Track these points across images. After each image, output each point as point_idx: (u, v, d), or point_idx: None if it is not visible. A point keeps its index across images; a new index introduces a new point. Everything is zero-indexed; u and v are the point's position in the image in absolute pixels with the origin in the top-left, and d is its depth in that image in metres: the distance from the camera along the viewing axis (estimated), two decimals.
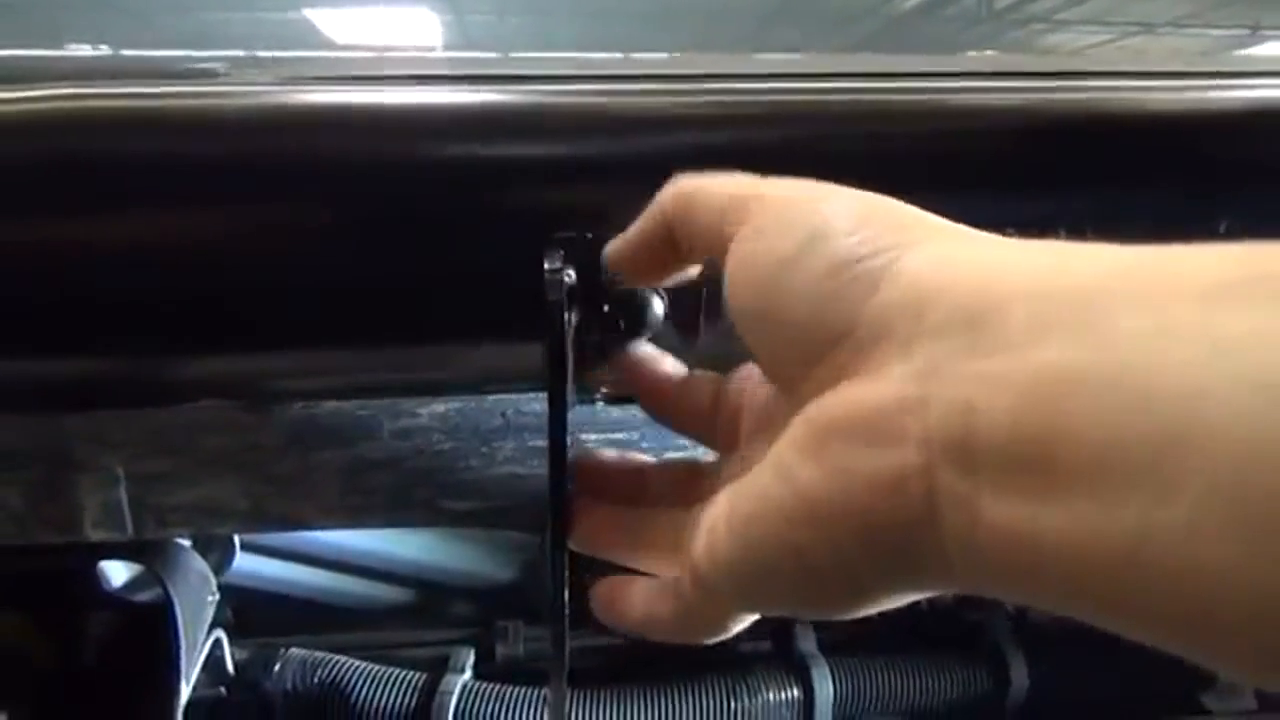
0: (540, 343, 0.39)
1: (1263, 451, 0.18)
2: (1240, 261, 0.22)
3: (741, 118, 0.39)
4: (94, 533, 0.60)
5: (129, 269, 0.38)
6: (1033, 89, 0.41)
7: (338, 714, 0.84)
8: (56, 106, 0.37)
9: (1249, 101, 0.42)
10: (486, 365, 0.44)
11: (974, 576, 0.24)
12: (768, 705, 0.86)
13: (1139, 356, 0.21)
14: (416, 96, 0.38)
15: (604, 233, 0.37)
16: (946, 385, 0.24)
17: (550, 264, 0.36)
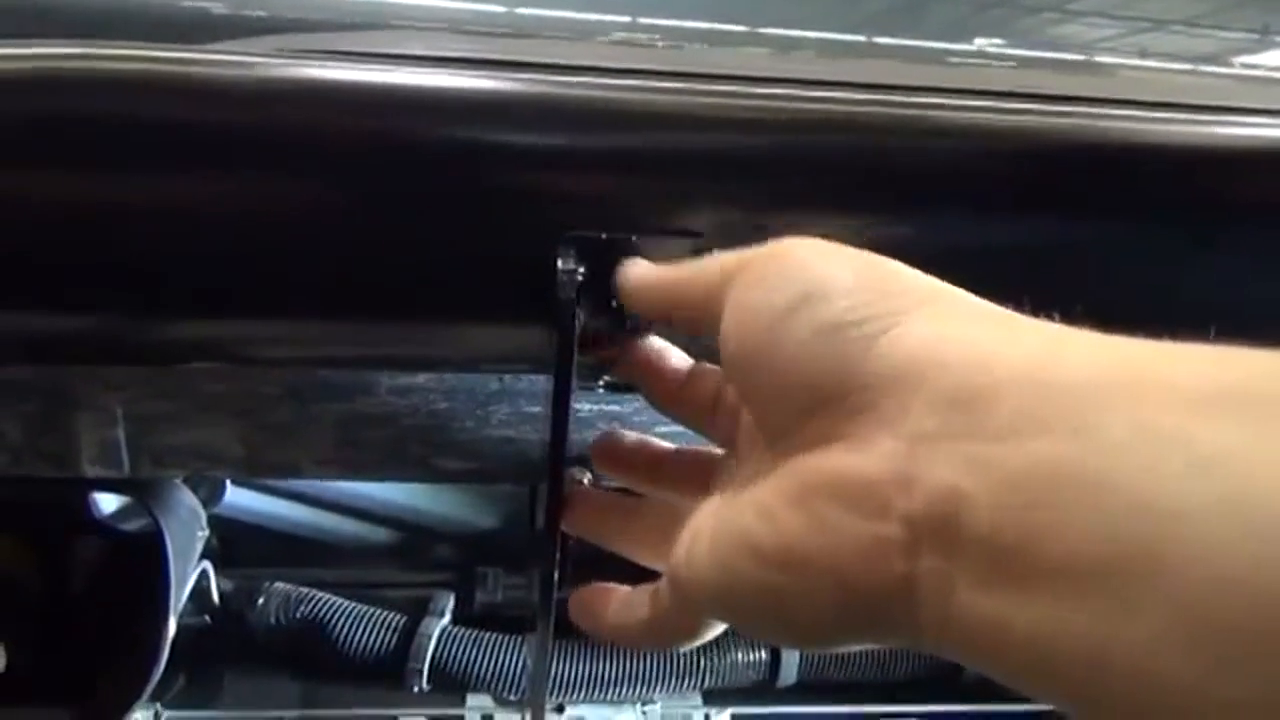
0: (547, 329, 0.40)
1: (1229, 579, 0.19)
2: (1228, 369, 0.22)
3: (753, 122, 0.40)
4: (90, 469, 0.61)
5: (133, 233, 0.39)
6: (1034, 113, 0.41)
7: (318, 649, 0.86)
8: (75, 65, 0.37)
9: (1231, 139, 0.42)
10: (492, 346, 0.45)
11: (942, 648, 0.25)
12: (736, 664, 0.89)
13: (1121, 464, 0.21)
14: (427, 80, 0.38)
15: (617, 231, 0.38)
16: (935, 466, 0.25)
17: (563, 263, 0.36)
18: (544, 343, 0.40)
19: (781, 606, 0.28)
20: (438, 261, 0.40)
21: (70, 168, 0.38)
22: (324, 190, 0.39)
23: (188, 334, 0.43)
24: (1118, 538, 0.21)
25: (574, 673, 0.86)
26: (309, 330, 0.43)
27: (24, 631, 0.73)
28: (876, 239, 0.38)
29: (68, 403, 0.58)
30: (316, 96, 0.38)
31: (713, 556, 0.30)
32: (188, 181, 0.38)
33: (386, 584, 0.95)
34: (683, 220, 0.39)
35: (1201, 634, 0.20)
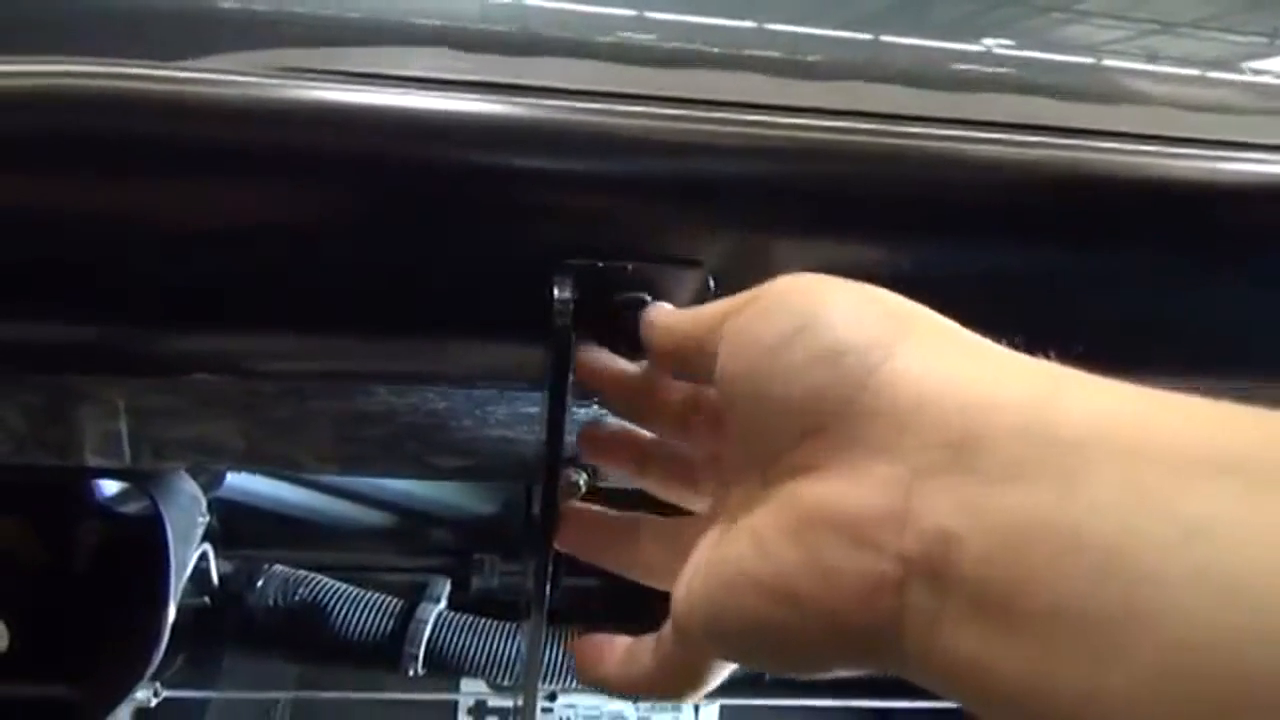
0: (543, 350, 0.40)
1: (1206, 646, 0.20)
2: (1225, 431, 0.23)
3: (753, 150, 0.40)
4: (92, 460, 0.61)
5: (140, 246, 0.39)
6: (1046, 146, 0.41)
7: (316, 632, 0.87)
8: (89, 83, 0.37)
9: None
10: (490, 365, 0.45)
11: (925, 679, 0.26)
12: None
13: (1106, 524, 0.22)
14: (426, 103, 0.38)
15: (613, 260, 0.38)
16: (928, 506, 0.25)
17: (559, 291, 0.37)
18: (541, 363, 0.41)
19: (776, 638, 0.28)
20: (436, 283, 0.40)
21: (72, 183, 0.38)
22: (327, 210, 0.39)
23: (194, 348, 0.43)
24: (1098, 594, 0.22)
25: (567, 661, 0.87)
26: (309, 347, 0.43)
27: (29, 613, 0.74)
28: (876, 268, 0.39)
29: (71, 395, 0.59)
30: (320, 118, 0.38)
31: (707, 587, 0.30)
32: (198, 200, 0.38)
33: (384, 568, 0.96)
34: (682, 248, 0.39)
35: (1177, 693, 0.20)
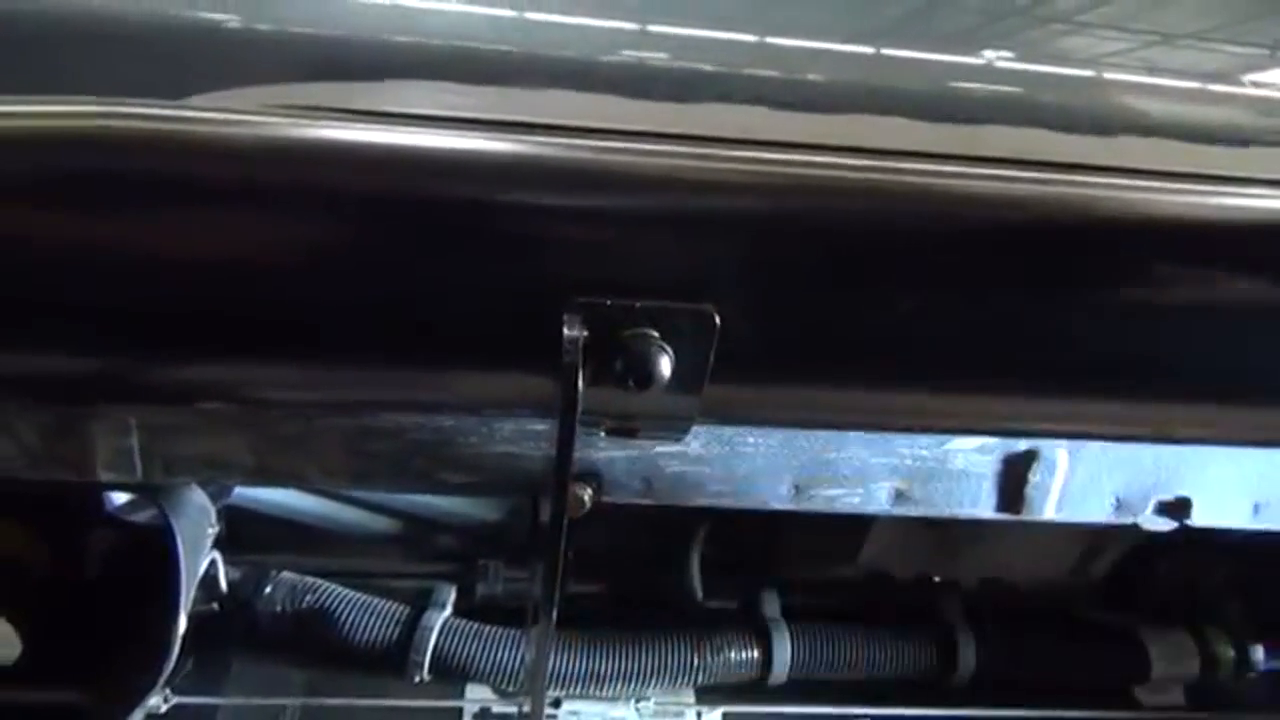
0: (553, 383, 0.41)
1: None
2: None
3: (761, 187, 0.41)
4: (105, 475, 0.63)
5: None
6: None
7: (322, 638, 0.88)
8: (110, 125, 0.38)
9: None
10: (500, 396, 0.46)
11: None
12: (729, 662, 0.91)
13: None
14: (432, 141, 0.39)
15: (621, 298, 0.39)
16: None
17: (569, 329, 0.38)
18: (549, 392, 0.41)
19: None
20: (448, 317, 0.41)
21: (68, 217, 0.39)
22: (339, 247, 0.40)
23: (206, 379, 0.44)
24: None
25: (571, 668, 0.88)
26: (321, 379, 0.44)
27: (41, 621, 0.76)
28: (882, 306, 0.39)
29: (84, 414, 0.60)
30: (332, 157, 0.39)
31: None
32: (213, 236, 0.39)
33: (390, 574, 0.97)
34: (691, 287, 0.40)
35: None
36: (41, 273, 0.39)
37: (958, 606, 0.96)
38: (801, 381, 0.45)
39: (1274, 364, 0.49)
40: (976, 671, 0.92)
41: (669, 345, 0.40)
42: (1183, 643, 0.96)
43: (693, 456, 0.65)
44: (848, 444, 0.65)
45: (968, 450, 0.66)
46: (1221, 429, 0.57)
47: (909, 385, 0.47)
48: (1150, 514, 0.70)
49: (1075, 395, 0.51)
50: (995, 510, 0.69)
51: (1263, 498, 0.69)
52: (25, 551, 0.79)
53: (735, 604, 0.98)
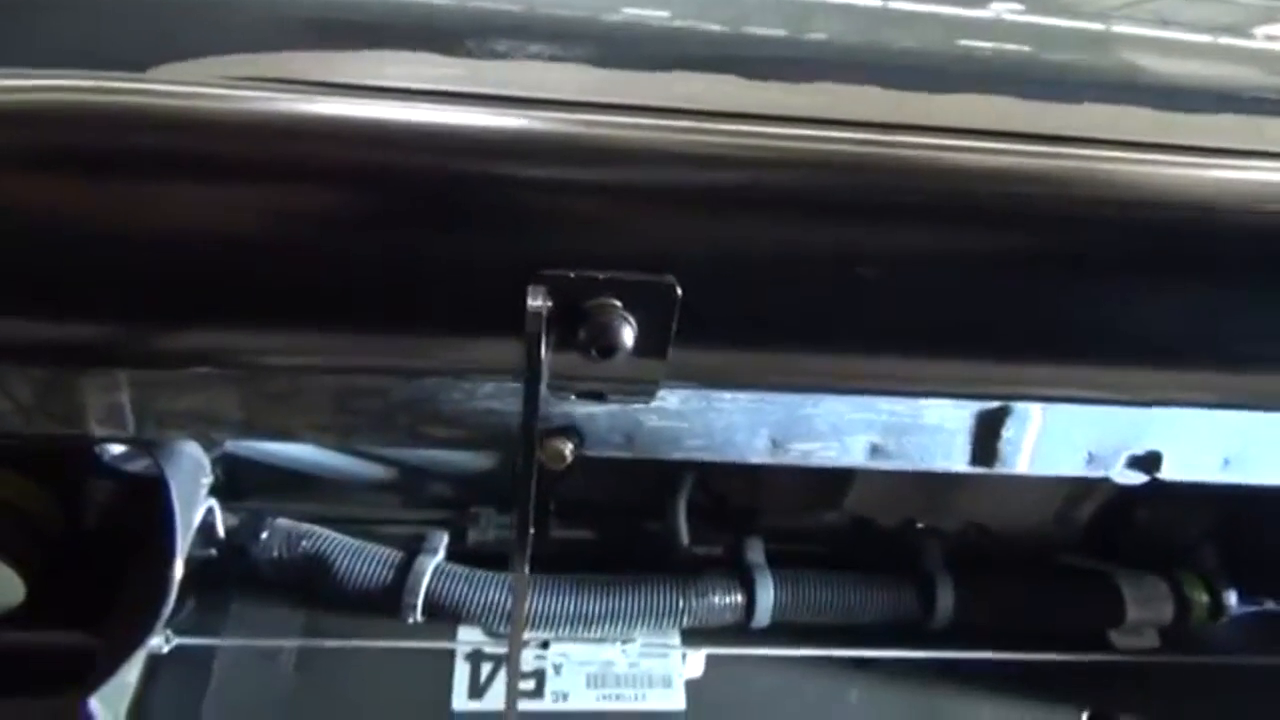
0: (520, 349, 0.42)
1: None
2: None
3: (725, 159, 0.41)
4: (98, 430, 0.64)
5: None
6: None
7: (318, 582, 0.91)
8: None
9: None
10: (473, 361, 0.47)
11: None
12: (713, 606, 0.93)
13: None
14: (406, 114, 0.40)
15: (585, 270, 0.40)
16: None
17: (532, 300, 0.39)
18: (522, 361, 0.43)
19: None
20: (419, 287, 0.42)
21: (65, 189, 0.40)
22: (312, 219, 0.41)
23: (191, 346, 0.45)
24: None
25: (559, 611, 0.91)
26: (297, 345, 0.45)
27: (43, 567, 0.78)
28: (841, 279, 0.40)
29: (75, 371, 0.61)
30: (302, 130, 0.40)
31: None
32: (175, 210, 0.40)
33: (384, 521, 0.99)
34: (652, 259, 0.41)
35: None
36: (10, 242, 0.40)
37: (938, 553, 0.99)
38: (764, 349, 0.46)
39: (1245, 330, 0.50)
40: (955, 616, 0.95)
41: (631, 315, 0.41)
42: (1157, 588, 0.99)
43: (672, 412, 0.66)
44: (824, 399, 0.66)
45: (942, 406, 0.67)
46: (1192, 394, 0.58)
47: (874, 352, 0.48)
48: (1121, 468, 0.72)
49: (1043, 361, 0.52)
50: (969, 463, 0.70)
51: (1232, 452, 0.70)
52: (27, 500, 0.81)
53: (720, 550, 1.00)
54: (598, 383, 0.46)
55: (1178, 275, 0.45)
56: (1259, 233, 0.43)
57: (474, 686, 0.90)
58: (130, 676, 0.82)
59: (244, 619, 0.91)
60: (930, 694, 0.94)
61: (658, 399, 0.65)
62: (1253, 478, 0.71)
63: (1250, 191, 0.43)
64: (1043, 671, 0.93)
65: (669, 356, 0.44)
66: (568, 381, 0.45)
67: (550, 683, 0.91)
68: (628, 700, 0.91)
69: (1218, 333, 0.47)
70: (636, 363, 0.43)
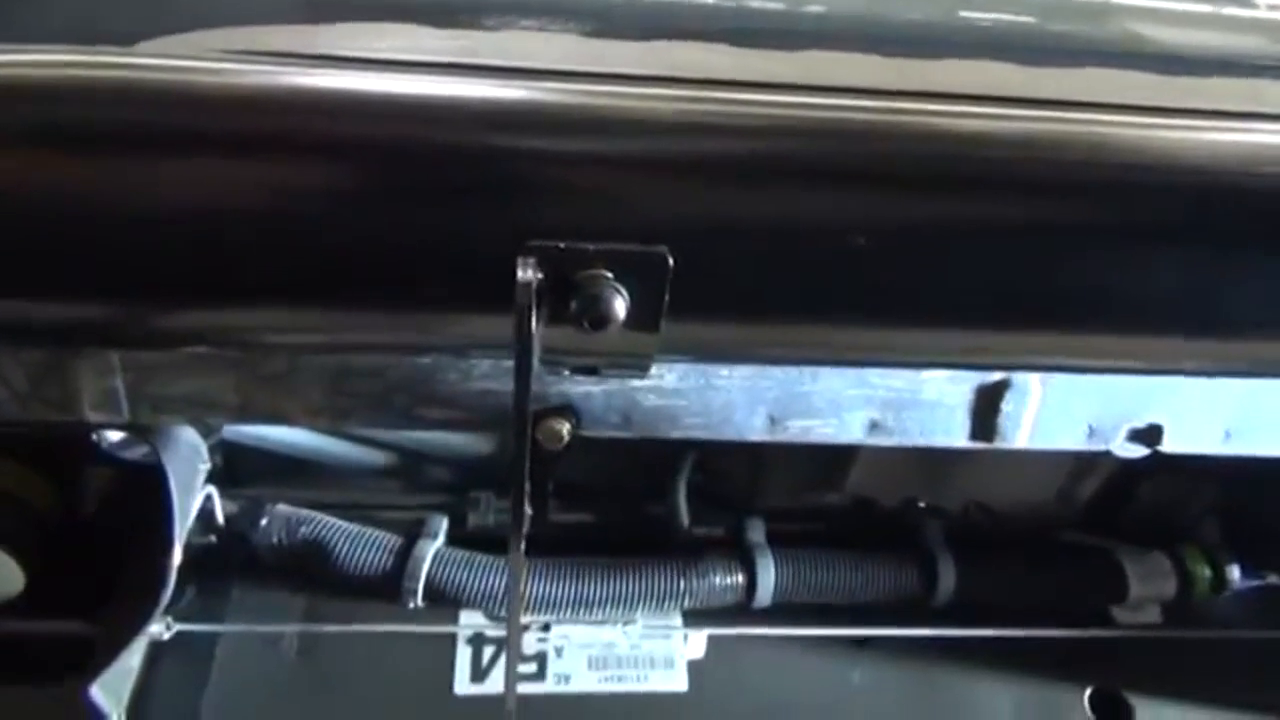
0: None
1: None
2: None
3: (713, 128, 0.41)
4: (93, 415, 0.64)
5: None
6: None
7: (318, 568, 0.91)
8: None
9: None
10: (464, 335, 0.47)
11: None
12: (714, 587, 0.93)
13: None
14: (395, 86, 0.39)
15: (575, 241, 0.40)
16: None
17: (522, 272, 0.38)
18: (511, 334, 0.42)
19: None
20: (409, 260, 0.42)
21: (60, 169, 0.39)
22: (298, 193, 0.40)
23: (180, 323, 0.45)
24: None
25: (560, 594, 0.91)
26: (284, 322, 0.45)
27: (42, 554, 0.78)
28: (837, 245, 0.40)
29: (69, 355, 0.61)
30: (288, 103, 0.39)
31: None
32: (167, 186, 0.39)
33: (384, 506, 0.99)
34: (644, 230, 0.40)
35: None
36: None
37: (939, 531, 0.98)
38: (759, 321, 0.45)
39: (1248, 294, 0.50)
40: (957, 594, 0.95)
41: (623, 287, 0.41)
42: (1159, 563, 0.98)
43: (669, 390, 0.66)
44: (821, 376, 0.66)
45: (940, 380, 0.67)
46: (1195, 361, 0.58)
47: (870, 322, 0.47)
48: (1122, 441, 0.71)
49: (1042, 329, 0.52)
50: (968, 439, 0.70)
51: (1233, 424, 0.70)
52: (25, 488, 0.81)
53: (721, 531, 1.00)
54: (591, 357, 0.46)
55: (1178, 239, 0.45)
56: (1259, 195, 0.42)
57: (476, 670, 0.90)
58: (132, 663, 0.82)
59: (245, 605, 0.91)
60: (933, 672, 0.94)
61: (655, 377, 0.65)
62: (1254, 449, 0.71)
63: (1250, 154, 0.43)
64: (1045, 648, 0.93)
65: (662, 329, 0.43)
66: (560, 356, 0.45)
67: (552, 665, 0.91)
68: (630, 682, 0.91)
69: (1220, 297, 0.47)
70: (629, 336, 0.43)
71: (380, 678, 0.88)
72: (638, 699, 0.90)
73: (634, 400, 0.66)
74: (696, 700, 0.90)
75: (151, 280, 0.43)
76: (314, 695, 0.87)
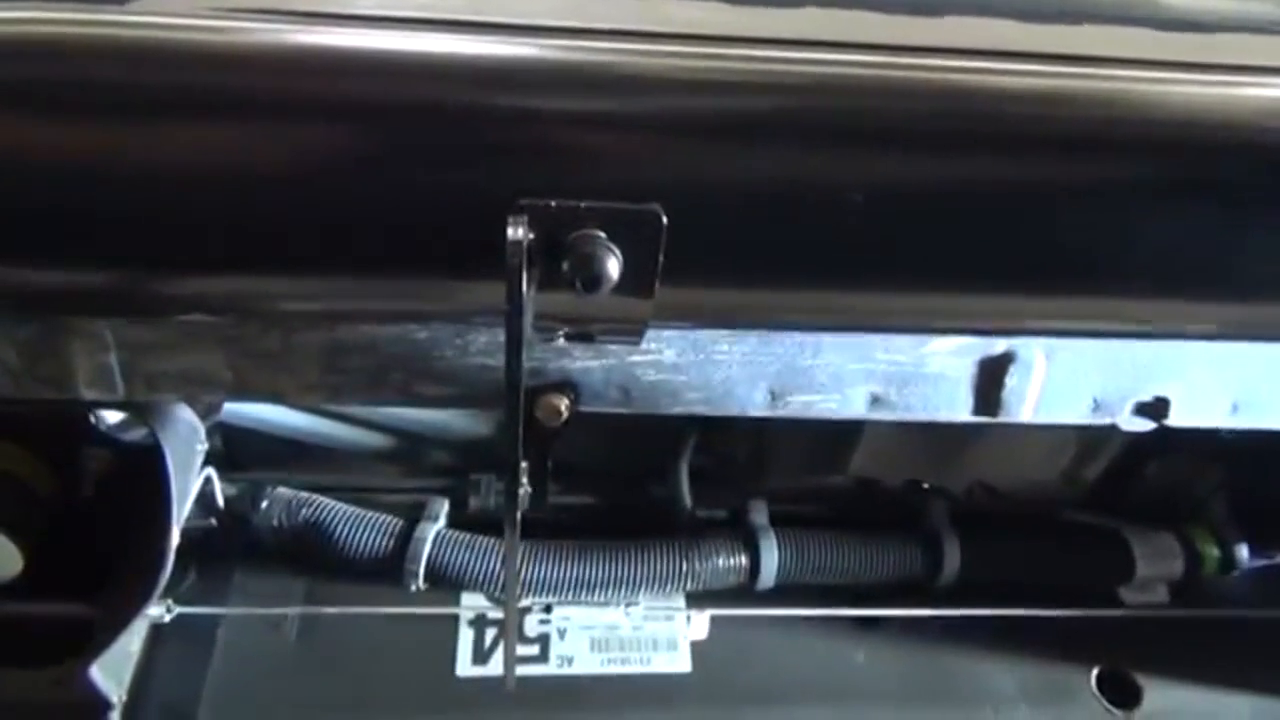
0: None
1: None
2: None
3: (707, 84, 0.40)
4: (87, 393, 0.64)
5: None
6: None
7: (319, 551, 0.90)
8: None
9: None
10: (454, 301, 0.46)
11: None
12: (716, 569, 0.93)
13: None
14: (378, 42, 0.39)
15: (566, 200, 0.39)
16: None
17: (513, 231, 0.37)
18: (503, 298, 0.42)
19: None
20: (399, 223, 0.41)
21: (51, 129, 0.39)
22: (285, 153, 0.40)
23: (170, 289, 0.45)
24: None
25: (562, 575, 0.90)
26: (276, 289, 0.44)
27: (41, 537, 0.78)
28: (829, 201, 0.39)
29: (62, 330, 0.60)
30: (273, 61, 0.38)
31: None
32: (155, 146, 0.39)
33: (385, 489, 0.99)
34: (636, 188, 0.40)
35: None
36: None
37: (944, 512, 0.97)
38: (756, 283, 0.45)
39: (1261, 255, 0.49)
40: (962, 574, 0.94)
41: (616, 246, 0.40)
42: (1167, 543, 0.97)
43: (668, 365, 0.65)
44: (823, 350, 0.65)
45: (943, 354, 0.66)
46: (1205, 325, 0.57)
47: (870, 285, 0.47)
48: (1129, 415, 0.70)
49: (1047, 292, 0.51)
50: (972, 413, 0.69)
51: (1241, 396, 0.69)
52: (24, 469, 0.80)
53: (724, 512, 0.99)
54: (585, 322, 0.45)
55: (1188, 196, 0.44)
56: (1271, 150, 0.41)
57: (478, 652, 0.90)
58: (132, 646, 0.82)
59: (246, 588, 0.91)
60: (938, 653, 0.93)
61: (654, 352, 0.64)
62: (1262, 422, 0.70)
63: (1266, 108, 0.42)
64: (1052, 629, 0.92)
65: (657, 292, 0.43)
66: (554, 321, 0.44)
67: (554, 647, 0.91)
68: (633, 664, 0.91)
69: (1232, 256, 0.46)
70: (624, 300, 0.42)
71: (382, 660, 0.88)
72: (641, 681, 0.90)
73: (633, 375, 0.65)
74: (700, 682, 0.90)
75: (145, 245, 0.42)
76: (315, 678, 0.86)
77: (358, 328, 0.62)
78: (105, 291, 0.45)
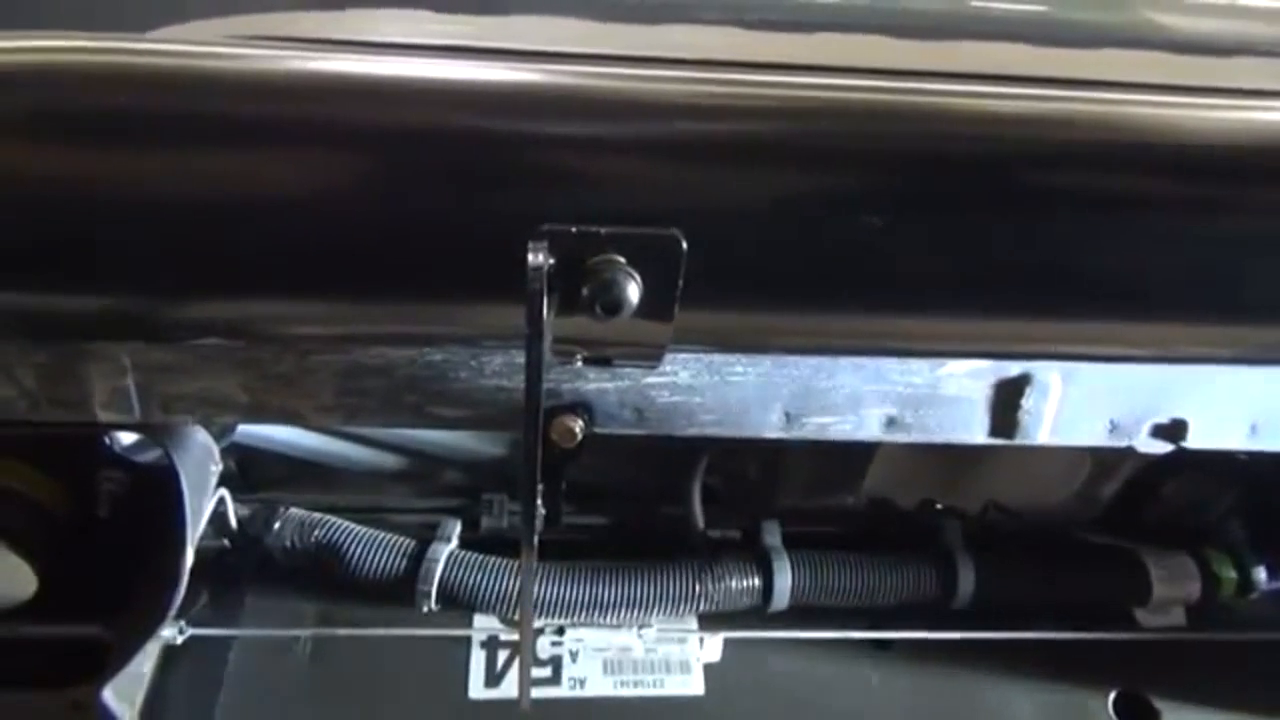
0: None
1: None
2: None
3: (727, 110, 0.40)
4: (104, 415, 0.64)
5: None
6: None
7: (332, 571, 0.90)
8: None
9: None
10: (474, 325, 0.46)
11: None
12: (729, 591, 0.92)
13: None
14: (405, 70, 0.39)
15: (587, 225, 0.39)
16: None
17: (533, 257, 0.38)
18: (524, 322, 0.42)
19: None
20: (420, 248, 0.41)
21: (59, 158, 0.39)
22: (304, 180, 0.40)
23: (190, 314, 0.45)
24: None
25: (575, 597, 0.90)
26: (307, 310, 0.44)
27: (56, 558, 0.78)
28: (849, 229, 0.39)
29: (79, 355, 0.60)
30: (294, 89, 0.39)
31: None
32: (176, 173, 0.39)
33: (396, 510, 0.99)
34: (656, 213, 0.40)
35: None
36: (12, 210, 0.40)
37: (958, 533, 0.97)
38: (775, 306, 0.45)
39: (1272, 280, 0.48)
40: (977, 596, 0.93)
41: (636, 272, 0.40)
42: (1184, 565, 0.97)
43: (683, 386, 0.65)
44: (839, 371, 0.65)
45: (960, 375, 0.66)
46: (1221, 348, 0.57)
47: (888, 309, 0.47)
48: (1146, 437, 0.70)
49: (1065, 316, 0.50)
50: (988, 435, 0.68)
51: (1259, 418, 0.69)
52: (38, 491, 0.80)
53: (737, 533, 0.99)
54: (603, 346, 0.45)
55: (1205, 222, 0.44)
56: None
57: (490, 674, 0.89)
58: (145, 668, 0.82)
59: (259, 609, 0.91)
60: (953, 675, 0.92)
61: (669, 374, 0.64)
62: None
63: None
64: (1068, 651, 0.92)
65: (676, 316, 0.42)
66: (572, 345, 0.44)
67: (567, 669, 0.90)
68: (646, 686, 0.90)
69: (1249, 280, 0.46)
70: (643, 324, 0.42)
71: (394, 682, 0.88)
72: (653, 703, 0.89)
73: (648, 397, 0.65)
74: (713, 705, 0.89)
75: (164, 270, 0.42)
76: (328, 700, 0.86)
77: (373, 351, 0.62)
78: (125, 316, 0.46)
